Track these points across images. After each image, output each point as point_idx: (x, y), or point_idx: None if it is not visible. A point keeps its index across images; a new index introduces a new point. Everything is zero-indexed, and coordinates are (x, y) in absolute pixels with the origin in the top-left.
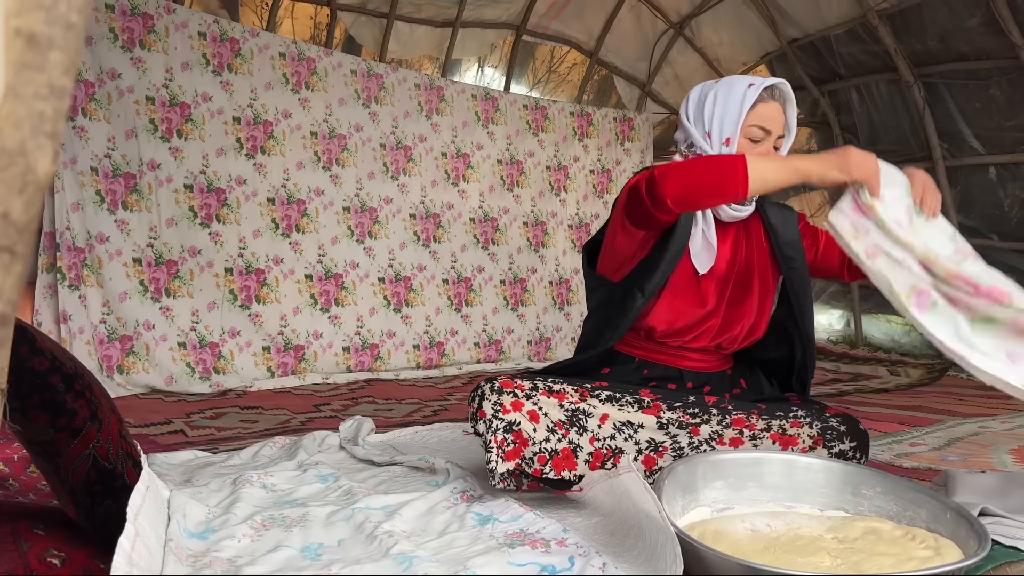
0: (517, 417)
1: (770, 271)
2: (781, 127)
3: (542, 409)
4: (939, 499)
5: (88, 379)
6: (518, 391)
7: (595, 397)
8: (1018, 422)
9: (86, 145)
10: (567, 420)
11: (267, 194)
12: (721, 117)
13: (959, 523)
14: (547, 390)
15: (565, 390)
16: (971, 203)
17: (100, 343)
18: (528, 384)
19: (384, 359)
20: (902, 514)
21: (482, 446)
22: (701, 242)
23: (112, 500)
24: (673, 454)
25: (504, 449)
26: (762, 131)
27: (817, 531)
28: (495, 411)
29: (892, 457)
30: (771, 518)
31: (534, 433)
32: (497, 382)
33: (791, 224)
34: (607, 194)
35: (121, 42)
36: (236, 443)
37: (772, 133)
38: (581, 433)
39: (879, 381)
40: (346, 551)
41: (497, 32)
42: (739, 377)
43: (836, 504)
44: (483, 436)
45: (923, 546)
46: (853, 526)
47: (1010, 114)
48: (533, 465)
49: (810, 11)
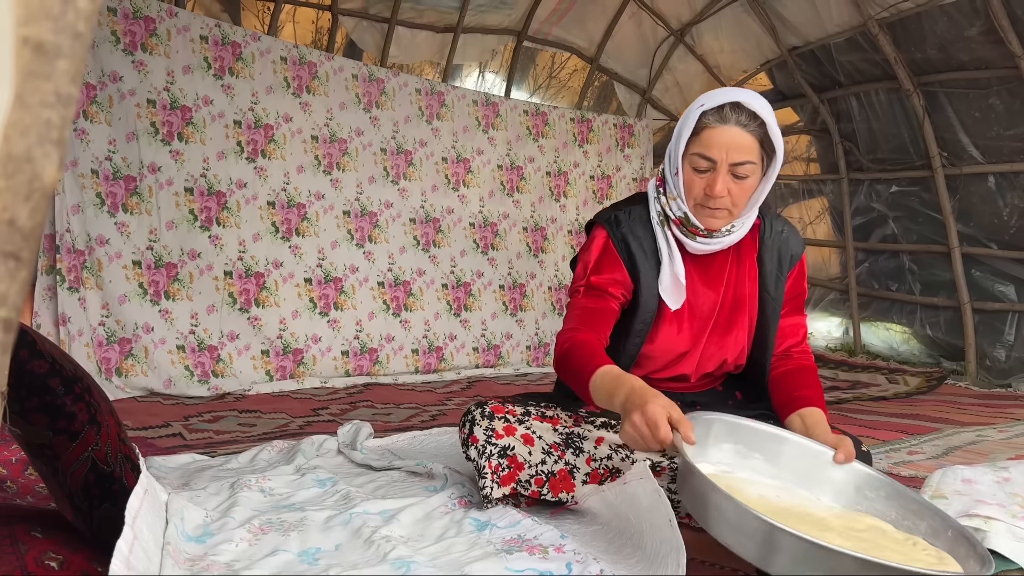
0: (511, 441)
1: (757, 302)
2: (739, 152)
3: (535, 433)
4: (943, 516)
5: (87, 382)
6: (510, 416)
7: (590, 423)
8: (1016, 431)
9: (87, 148)
10: (562, 442)
11: (267, 198)
12: (674, 145)
13: (959, 541)
14: (540, 415)
15: (559, 415)
16: (970, 212)
17: (99, 345)
18: (520, 409)
19: (383, 363)
20: (900, 522)
21: (475, 471)
22: (670, 279)
23: (110, 503)
24: (671, 474)
25: (499, 474)
26: (705, 160)
27: (824, 514)
28: (487, 436)
29: (890, 465)
30: (779, 491)
31: (529, 456)
32: (488, 407)
33: (784, 263)
34: (607, 200)
35: (123, 45)
36: (234, 447)
37: (719, 161)
38: (577, 454)
39: (877, 389)
40: (344, 556)
41: (498, 38)
42: (733, 390)
43: (836, 497)
44: (475, 462)
45: (925, 553)
46: (858, 519)
47: (1009, 123)
48: (530, 488)
49: (810, 19)
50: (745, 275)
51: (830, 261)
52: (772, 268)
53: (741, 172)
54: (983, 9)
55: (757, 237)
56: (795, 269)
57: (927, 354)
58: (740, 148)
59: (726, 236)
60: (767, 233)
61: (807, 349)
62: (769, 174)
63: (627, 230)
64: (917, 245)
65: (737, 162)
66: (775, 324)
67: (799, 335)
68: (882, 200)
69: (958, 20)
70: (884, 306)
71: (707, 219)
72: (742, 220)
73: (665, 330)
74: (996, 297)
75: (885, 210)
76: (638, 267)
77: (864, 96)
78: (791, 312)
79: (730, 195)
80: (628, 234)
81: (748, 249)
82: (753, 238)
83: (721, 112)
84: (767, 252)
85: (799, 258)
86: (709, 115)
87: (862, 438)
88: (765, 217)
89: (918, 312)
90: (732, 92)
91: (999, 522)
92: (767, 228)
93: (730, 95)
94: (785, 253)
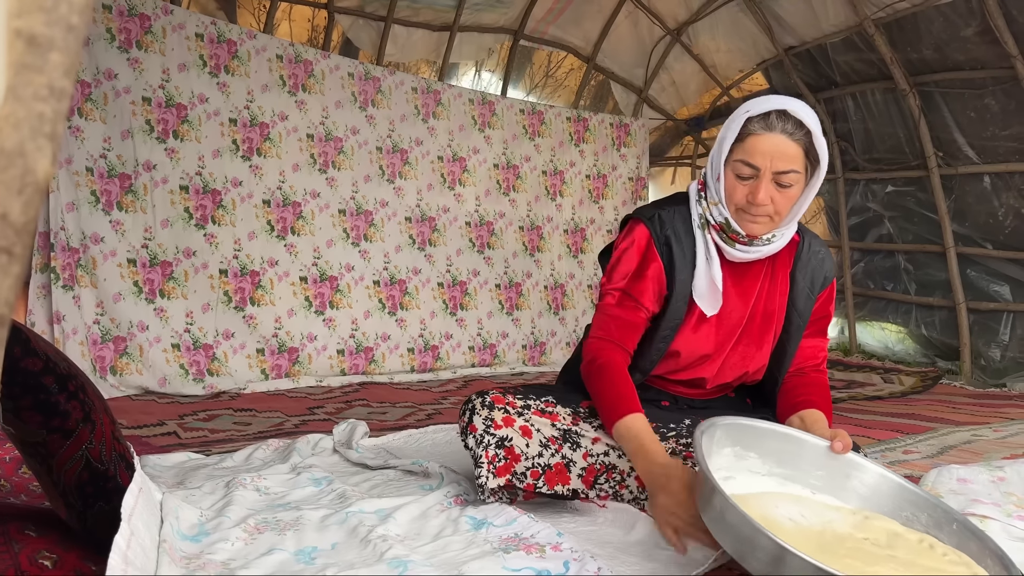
0: (509, 432)
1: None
2: (783, 161)
3: (534, 426)
4: (943, 507)
5: (81, 380)
6: (510, 408)
7: (588, 422)
8: (1010, 430)
9: (82, 145)
10: (560, 437)
11: (263, 196)
12: (717, 150)
13: (966, 536)
14: (539, 410)
15: (558, 411)
16: (965, 212)
17: (93, 344)
18: (520, 402)
19: (378, 362)
20: (898, 513)
21: (472, 461)
22: (706, 284)
23: (104, 502)
24: None
25: (495, 464)
26: (748, 167)
27: (845, 528)
28: (486, 426)
29: (885, 465)
30: (793, 504)
31: (527, 448)
32: (488, 397)
33: (816, 283)
34: (603, 199)
35: (118, 42)
36: (229, 445)
37: (763, 169)
38: (574, 449)
39: (873, 389)
40: (340, 555)
41: (495, 37)
42: (744, 397)
43: (828, 489)
44: (473, 451)
45: (947, 559)
46: (871, 525)
47: (1004, 124)
48: (525, 480)
49: (807, 19)
50: (777, 289)
51: None
52: (804, 286)
53: (785, 181)
54: (979, 10)
55: (794, 253)
56: (825, 292)
57: (922, 354)
58: (785, 156)
59: (766, 245)
60: (804, 250)
61: (823, 370)
62: (812, 183)
63: (670, 231)
64: (913, 245)
65: (781, 170)
66: (797, 341)
67: (818, 358)
68: (878, 200)
69: (954, 20)
70: (880, 306)
71: (748, 224)
72: (783, 230)
73: (692, 333)
74: (991, 297)
75: (881, 210)
76: (675, 270)
77: (860, 96)
78: (814, 334)
79: (773, 203)
80: (671, 235)
81: (783, 264)
82: (789, 254)
83: (767, 119)
84: (801, 269)
85: (831, 282)
86: (755, 122)
87: (857, 437)
88: (804, 235)
89: (913, 312)
90: (779, 100)
91: (995, 521)
92: (805, 246)
93: (776, 103)
94: (819, 273)
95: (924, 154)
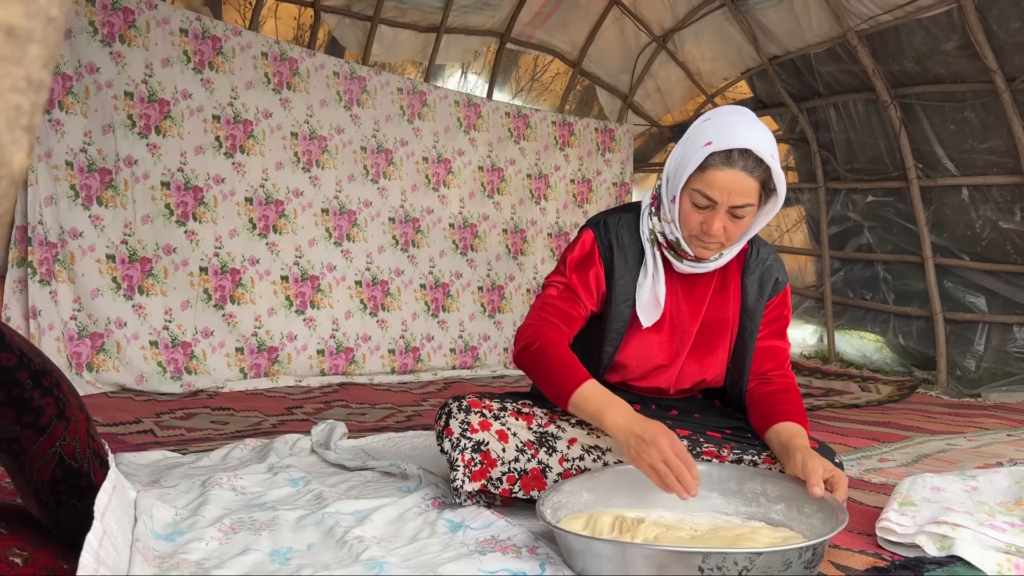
0: (486, 437)
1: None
2: (740, 195)
3: (511, 430)
4: (835, 505)
5: (56, 376)
6: (486, 411)
7: (565, 420)
8: (984, 440)
9: (62, 139)
10: (536, 441)
11: (245, 194)
12: (675, 170)
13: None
14: (516, 411)
15: (535, 412)
16: (943, 223)
17: (70, 340)
18: (496, 405)
19: (359, 363)
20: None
21: (448, 464)
22: (649, 297)
23: (77, 499)
24: None
25: (471, 468)
26: (706, 199)
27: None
28: (462, 430)
29: (861, 472)
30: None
31: (503, 453)
32: (465, 401)
33: (766, 289)
34: (587, 204)
35: (101, 36)
36: (206, 444)
37: (720, 203)
38: (550, 453)
39: (850, 397)
40: (315, 556)
41: (481, 39)
42: (712, 399)
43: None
44: (449, 454)
45: (760, 536)
46: (693, 521)
47: (983, 137)
48: (501, 485)
49: (791, 29)
50: (729, 297)
51: (806, 269)
52: (754, 291)
53: (740, 213)
54: (960, 24)
55: (743, 260)
56: (777, 297)
57: (899, 363)
58: (742, 192)
59: (714, 262)
60: (752, 258)
61: (789, 373)
62: (765, 210)
63: (613, 236)
64: (891, 255)
65: (738, 204)
66: (752, 346)
67: (779, 358)
68: (858, 210)
69: (935, 34)
70: (858, 315)
71: (700, 249)
72: (731, 249)
73: (641, 340)
74: (967, 308)
75: (861, 220)
76: (615, 275)
77: (842, 106)
78: (771, 335)
79: (725, 231)
80: (614, 240)
81: (733, 272)
82: (739, 261)
83: (729, 156)
84: (750, 275)
85: (783, 287)
86: (716, 156)
87: (834, 444)
88: (753, 243)
89: (891, 321)
90: (743, 137)
91: (967, 529)
92: (753, 253)
93: (740, 140)
94: (768, 278)
95: (904, 165)
